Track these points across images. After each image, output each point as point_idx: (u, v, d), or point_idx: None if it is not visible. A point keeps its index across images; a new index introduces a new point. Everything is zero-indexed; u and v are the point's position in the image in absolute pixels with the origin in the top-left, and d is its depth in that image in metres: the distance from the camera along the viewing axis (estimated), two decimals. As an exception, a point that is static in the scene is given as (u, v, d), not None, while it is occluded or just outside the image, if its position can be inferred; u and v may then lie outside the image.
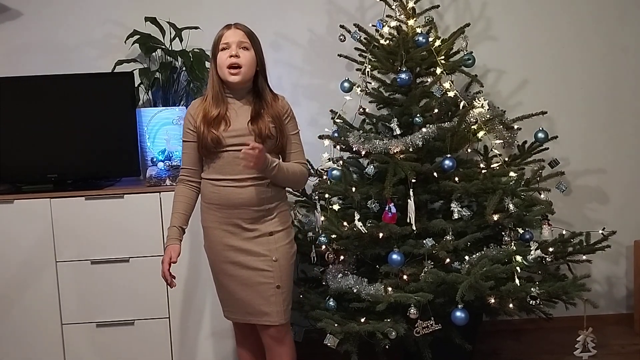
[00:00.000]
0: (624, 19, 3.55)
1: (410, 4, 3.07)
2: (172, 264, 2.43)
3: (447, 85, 2.97)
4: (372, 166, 2.91)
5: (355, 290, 2.83)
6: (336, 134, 3.11)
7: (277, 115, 2.45)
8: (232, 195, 2.40)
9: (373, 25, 3.16)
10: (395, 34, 3.06)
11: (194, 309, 3.07)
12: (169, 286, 2.48)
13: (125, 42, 3.25)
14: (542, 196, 3.04)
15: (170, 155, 3.16)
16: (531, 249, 2.78)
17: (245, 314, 2.49)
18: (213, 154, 2.42)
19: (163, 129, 3.21)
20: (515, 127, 3.14)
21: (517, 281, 2.70)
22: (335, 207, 3.04)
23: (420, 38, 2.97)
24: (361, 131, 3.11)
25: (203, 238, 2.55)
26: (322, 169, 3.12)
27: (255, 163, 2.30)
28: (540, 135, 3.11)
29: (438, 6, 3.25)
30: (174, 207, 2.50)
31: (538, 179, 3.06)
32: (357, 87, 3.07)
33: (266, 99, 2.46)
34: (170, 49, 3.28)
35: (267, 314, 2.44)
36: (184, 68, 3.28)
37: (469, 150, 3.13)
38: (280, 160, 2.48)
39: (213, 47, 2.45)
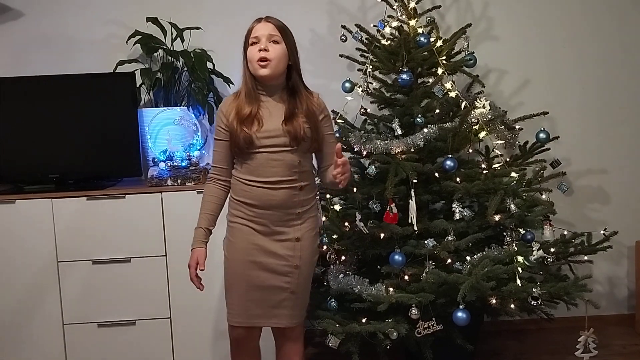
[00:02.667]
0: (625, 19, 3.55)
1: (412, 4, 3.07)
2: (200, 270, 2.37)
3: (448, 85, 2.97)
4: (373, 166, 2.91)
5: (356, 291, 2.83)
6: (337, 134, 3.11)
7: (311, 112, 2.35)
8: (264, 197, 2.32)
9: (374, 26, 3.16)
10: (397, 34, 3.06)
11: (195, 309, 3.07)
12: (198, 289, 2.41)
13: (126, 42, 3.25)
14: (543, 196, 3.04)
15: (172, 155, 3.16)
16: (533, 249, 2.78)
17: (252, 317, 2.41)
18: (246, 154, 2.32)
19: (164, 129, 3.22)
20: (517, 127, 3.14)
21: (518, 282, 2.69)
22: (337, 207, 3.05)
23: (422, 38, 2.97)
24: (362, 131, 3.11)
25: (226, 233, 2.45)
26: (324, 169, 3.12)
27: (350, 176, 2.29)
28: (542, 135, 3.11)
29: (439, 6, 3.25)
30: (203, 206, 2.41)
31: (539, 179, 3.06)
32: (359, 87, 3.06)
33: (300, 95, 2.36)
34: (171, 49, 3.28)
35: (276, 316, 2.40)
36: (185, 68, 3.28)
37: (471, 150, 3.13)
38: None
39: (244, 42, 2.35)
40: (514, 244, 2.80)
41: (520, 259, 2.74)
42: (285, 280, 2.37)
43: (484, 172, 2.95)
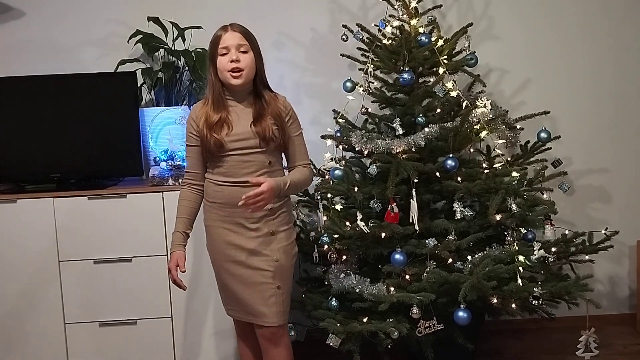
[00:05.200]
0: (627, 18, 3.54)
1: (413, 4, 3.07)
2: (181, 271, 2.45)
3: (449, 85, 2.97)
4: (374, 166, 2.91)
5: (357, 290, 2.83)
6: (339, 134, 3.11)
7: (278, 114, 2.43)
8: (236, 195, 2.37)
9: (375, 25, 3.16)
10: (398, 33, 3.06)
11: (196, 309, 3.07)
12: (181, 289, 2.49)
13: (128, 41, 3.25)
14: (544, 196, 3.04)
15: (173, 154, 3.16)
16: (534, 249, 2.78)
17: (246, 313, 2.49)
18: (217, 157, 2.41)
19: (165, 129, 3.22)
20: (518, 126, 3.14)
21: (519, 281, 2.69)
22: (338, 206, 3.05)
23: (423, 38, 2.97)
24: (364, 131, 3.11)
25: (206, 236, 2.54)
26: (325, 169, 3.13)
27: (265, 205, 2.35)
28: (543, 135, 3.11)
29: (441, 6, 3.25)
30: (178, 211, 2.50)
31: (541, 178, 3.06)
32: (360, 86, 3.06)
33: (266, 98, 2.44)
34: (172, 48, 3.28)
35: (265, 315, 2.43)
36: (186, 68, 3.29)
37: (472, 150, 3.13)
38: (288, 176, 2.48)
39: (211, 50, 2.42)
40: (515, 244, 2.80)
41: (521, 258, 2.74)
42: (268, 275, 2.42)
43: (485, 171, 2.95)
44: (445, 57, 3.03)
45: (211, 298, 3.05)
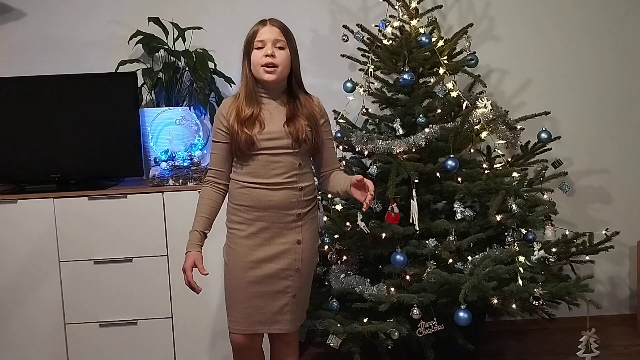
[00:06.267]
0: (628, 19, 3.55)
1: (413, 4, 3.07)
2: (203, 274, 2.29)
3: (450, 85, 2.97)
4: (375, 166, 2.91)
5: (358, 291, 2.83)
6: (339, 134, 3.11)
7: (312, 115, 2.35)
8: (263, 197, 2.29)
9: (376, 26, 3.16)
10: (398, 34, 3.07)
11: (197, 309, 3.07)
12: (195, 292, 2.34)
13: (128, 42, 3.25)
14: (545, 196, 3.04)
15: (173, 155, 3.16)
16: (534, 249, 2.78)
17: (254, 323, 2.36)
18: (246, 155, 2.30)
19: (166, 129, 3.22)
20: (519, 127, 3.14)
21: (520, 282, 2.69)
22: (338, 207, 3.05)
23: (423, 38, 2.97)
24: (364, 131, 3.11)
25: (226, 239, 2.41)
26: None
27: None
28: (544, 135, 3.11)
29: (441, 6, 3.25)
30: (198, 209, 2.36)
31: (541, 179, 3.06)
32: (360, 87, 3.06)
33: (301, 99, 2.36)
34: (173, 49, 3.28)
35: (278, 322, 2.36)
36: (186, 68, 3.29)
37: (472, 150, 3.12)
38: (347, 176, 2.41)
39: (246, 44, 2.33)
40: (516, 244, 2.80)
41: (521, 259, 2.74)
42: (286, 284, 2.34)
43: (486, 172, 2.95)
44: (446, 57, 3.03)
45: (211, 298, 3.05)
